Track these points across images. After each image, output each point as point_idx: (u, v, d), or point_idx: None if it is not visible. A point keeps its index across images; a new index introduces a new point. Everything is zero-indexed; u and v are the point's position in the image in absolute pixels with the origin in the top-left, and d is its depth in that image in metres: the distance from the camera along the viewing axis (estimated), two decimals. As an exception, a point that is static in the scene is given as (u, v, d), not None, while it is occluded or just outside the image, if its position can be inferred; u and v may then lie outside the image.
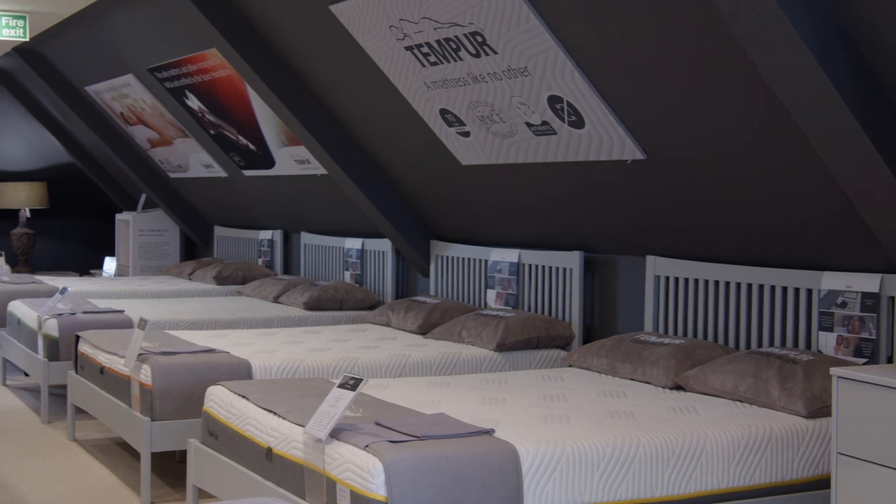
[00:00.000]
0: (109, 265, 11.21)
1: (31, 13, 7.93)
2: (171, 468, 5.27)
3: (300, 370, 4.97)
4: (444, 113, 5.56)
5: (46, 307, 6.42)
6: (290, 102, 6.54)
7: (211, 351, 5.13)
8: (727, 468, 3.63)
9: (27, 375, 7.58)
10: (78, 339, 5.79)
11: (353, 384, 3.47)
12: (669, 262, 5.10)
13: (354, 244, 7.59)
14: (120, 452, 5.61)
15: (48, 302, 6.56)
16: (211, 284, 8.57)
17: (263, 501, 2.51)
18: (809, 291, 4.47)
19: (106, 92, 9.30)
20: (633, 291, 5.42)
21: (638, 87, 4.38)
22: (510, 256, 6.05)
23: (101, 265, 12.03)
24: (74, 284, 8.33)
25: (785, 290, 4.58)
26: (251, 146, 7.98)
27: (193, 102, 8.12)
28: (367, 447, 3.23)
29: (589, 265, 5.67)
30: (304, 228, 8.50)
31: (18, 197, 11.50)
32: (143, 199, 10.70)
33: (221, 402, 4.16)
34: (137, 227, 10.45)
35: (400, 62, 5.45)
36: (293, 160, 7.57)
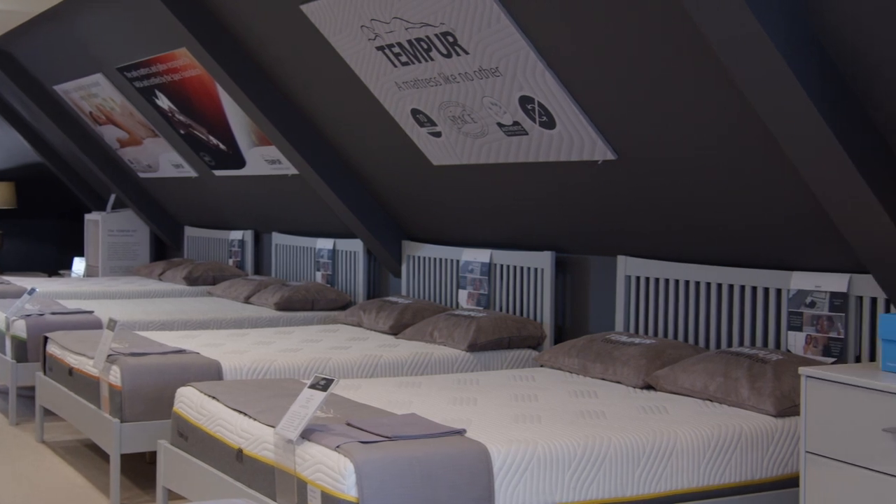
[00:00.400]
0: (78, 266, 11.13)
1: (-2, 11, 7.87)
2: (140, 470, 5.23)
3: (271, 371, 4.95)
4: (415, 113, 5.56)
5: (14, 308, 6.36)
6: (260, 102, 6.51)
7: (181, 352, 5.10)
8: (697, 467, 3.64)
9: (-5, 377, 7.52)
10: (46, 340, 5.74)
11: (324, 385, 3.47)
12: (640, 262, 5.12)
13: (326, 244, 7.58)
14: (89, 454, 5.57)
15: (16, 303, 6.50)
16: (181, 285, 8.53)
17: (234, 503, 2.50)
18: (779, 291, 4.50)
19: (75, 91, 9.24)
20: (604, 291, 5.44)
21: (609, 87, 4.39)
22: (482, 257, 6.06)
23: (70, 266, 11.95)
24: (43, 285, 8.27)
25: (755, 290, 4.61)
26: (221, 146, 7.94)
27: (163, 102, 8.07)
28: (338, 448, 3.22)
29: (560, 265, 5.68)
30: (275, 229, 8.48)
31: (-14, 197, 11.42)
32: (112, 199, 10.64)
33: (192, 403, 4.14)
34: (107, 227, 10.38)
35: (371, 62, 5.44)
36: (264, 160, 7.55)
